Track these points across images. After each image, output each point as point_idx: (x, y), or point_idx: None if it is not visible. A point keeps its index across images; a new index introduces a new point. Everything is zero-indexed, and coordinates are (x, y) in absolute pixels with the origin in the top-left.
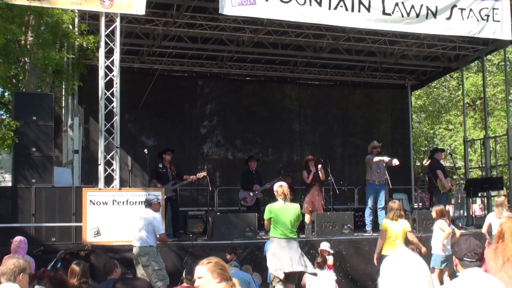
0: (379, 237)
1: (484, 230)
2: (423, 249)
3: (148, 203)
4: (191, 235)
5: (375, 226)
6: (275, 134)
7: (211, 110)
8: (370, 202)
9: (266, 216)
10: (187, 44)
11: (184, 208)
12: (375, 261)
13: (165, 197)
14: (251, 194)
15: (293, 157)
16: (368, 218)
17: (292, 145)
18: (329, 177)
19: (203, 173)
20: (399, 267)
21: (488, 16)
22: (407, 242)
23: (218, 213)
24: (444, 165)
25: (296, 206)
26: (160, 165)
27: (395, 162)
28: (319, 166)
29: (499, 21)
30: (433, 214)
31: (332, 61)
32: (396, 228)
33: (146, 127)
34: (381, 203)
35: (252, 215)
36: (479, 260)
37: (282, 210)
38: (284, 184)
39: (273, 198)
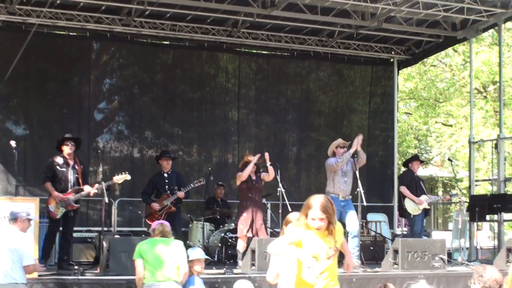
0: None
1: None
2: None
3: (13, 219)
4: (76, 267)
5: (342, 258)
6: (203, 124)
7: (111, 86)
8: None
9: (136, 255)
10: None
11: None
12: None
13: (61, 211)
14: (159, 206)
15: (227, 158)
16: None
17: (227, 140)
18: (279, 187)
19: (120, 178)
20: None
21: None
22: None
23: (117, 236)
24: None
25: (180, 243)
26: (59, 160)
27: (357, 141)
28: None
29: None
30: None
31: (288, 22)
32: None
33: (14, 108)
34: (352, 227)
35: None
36: None
37: (160, 245)
38: (166, 223)
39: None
